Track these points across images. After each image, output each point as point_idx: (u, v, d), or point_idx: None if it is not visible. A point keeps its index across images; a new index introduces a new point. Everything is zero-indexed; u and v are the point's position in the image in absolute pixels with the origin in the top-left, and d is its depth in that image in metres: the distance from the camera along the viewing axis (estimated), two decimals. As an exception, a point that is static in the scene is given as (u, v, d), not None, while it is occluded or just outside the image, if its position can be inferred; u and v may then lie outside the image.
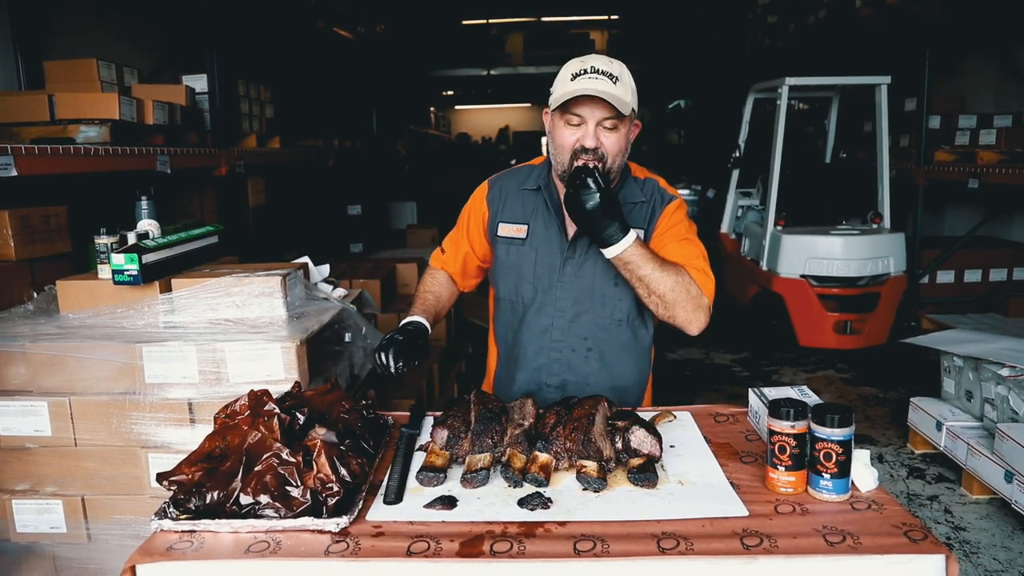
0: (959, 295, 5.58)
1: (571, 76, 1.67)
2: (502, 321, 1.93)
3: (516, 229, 1.86)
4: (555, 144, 1.73)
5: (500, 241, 1.88)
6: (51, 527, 2.04)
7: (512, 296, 1.87)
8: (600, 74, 1.64)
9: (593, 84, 1.62)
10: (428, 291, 1.94)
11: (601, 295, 1.80)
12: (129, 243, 2.12)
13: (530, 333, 1.85)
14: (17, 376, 2.03)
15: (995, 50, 5.51)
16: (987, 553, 2.78)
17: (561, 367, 1.84)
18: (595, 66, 1.66)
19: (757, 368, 5.15)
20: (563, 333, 1.82)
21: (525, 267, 1.83)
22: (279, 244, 4.86)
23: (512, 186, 1.90)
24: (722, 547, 1.15)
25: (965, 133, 5.32)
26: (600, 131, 1.67)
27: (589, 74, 1.64)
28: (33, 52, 3.60)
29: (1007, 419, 3.07)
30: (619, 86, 1.65)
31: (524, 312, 1.85)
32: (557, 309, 1.82)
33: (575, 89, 1.63)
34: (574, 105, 1.66)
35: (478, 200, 1.94)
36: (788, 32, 7.71)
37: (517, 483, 1.35)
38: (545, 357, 1.84)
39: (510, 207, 1.88)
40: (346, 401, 1.53)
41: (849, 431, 1.29)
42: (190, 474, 1.25)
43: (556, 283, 1.81)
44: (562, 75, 1.71)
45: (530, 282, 1.83)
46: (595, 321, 1.82)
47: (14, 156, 2.35)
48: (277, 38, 6.19)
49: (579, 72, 1.66)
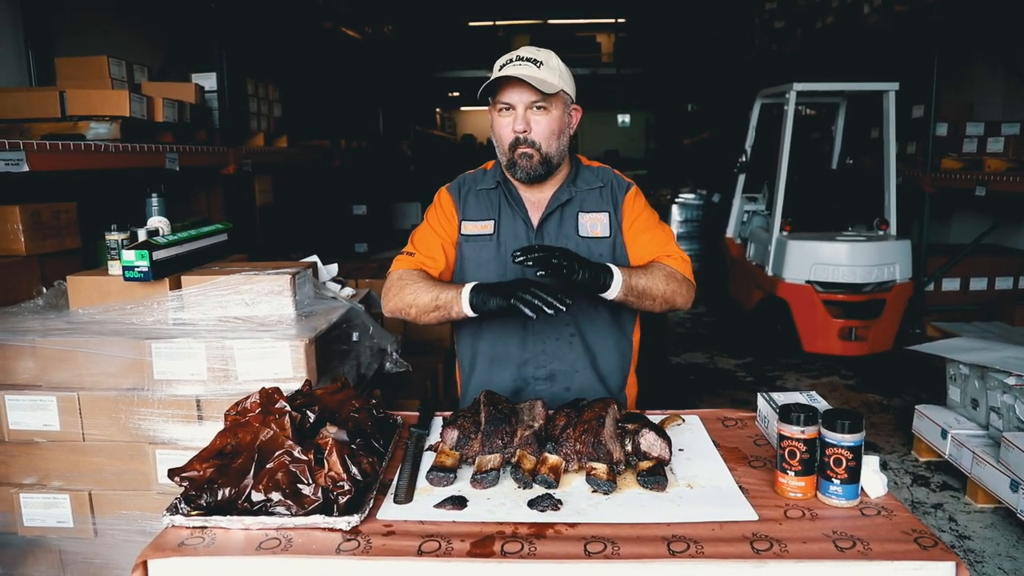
0: (965, 303, 5.56)
1: (499, 66, 1.73)
2: (473, 323, 1.86)
3: (482, 226, 1.86)
4: (495, 136, 1.79)
5: (468, 240, 1.86)
6: (58, 521, 2.05)
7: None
8: (524, 60, 1.70)
9: (516, 70, 1.68)
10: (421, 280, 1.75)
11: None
12: (140, 240, 2.13)
13: (510, 329, 1.84)
14: (26, 370, 2.03)
15: (1003, 57, 5.51)
16: (992, 562, 2.77)
17: (547, 357, 1.84)
18: (520, 55, 1.73)
19: (761, 373, 5.15)
20: (544, 323, 1.81)
21: (496, 262, 1.83)
22: (285, 243, 4.87)
23: (470, 187, 1.91)
24: (732, 551, 1.16)
25: (973, 140, 5.31)
26: (530, 115, 1.72)
27: (514, 63, 1.71)
28: (44, 49, 3.62)
29: (1013, 428, 3.06)
30: (543, 70, 1.70)
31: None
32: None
33: (497, 75, 1.69)
34: (501, 93, 1.71)
35: (444, 201, 1.91)
36: (796, 37, 7.70)
37: (527, 484, 1.36)
38: (530, 351, 1.84)
39: (472, 206, 1.88)
40: (356, 400, 1.54)
41: (859, 437, 1.29)
42: (202, 470, 1.25)
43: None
44: (495, 68, 1.75)
45: (502, 276, 1.81)
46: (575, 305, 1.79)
47: (25, 152, 2.36)
48: (285, 37, 6.20)
49: (505, 63, 1.73)
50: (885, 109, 5.28)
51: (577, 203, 1.85)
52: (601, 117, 17.56)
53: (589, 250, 1.82)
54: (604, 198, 1.86)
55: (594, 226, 1.84)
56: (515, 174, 1.78)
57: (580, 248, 1.81)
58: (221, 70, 3.95)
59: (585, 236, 1.83)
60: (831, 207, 5.67)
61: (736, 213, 6.50)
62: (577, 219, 1.84)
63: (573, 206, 1.84)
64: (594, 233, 1.83)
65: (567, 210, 1.84)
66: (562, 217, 1.84)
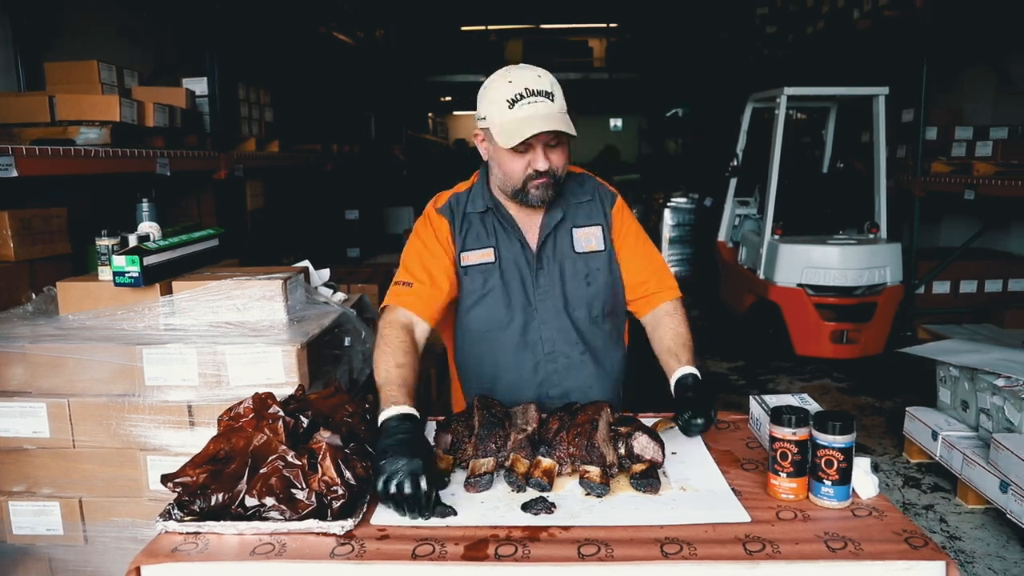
0: (955, 306, 5.60)
1: (508, 103, 1.59)
2: (481, 351, 1.83)
3: (482, 254, 1.79)
4: (502, 171, 1.69)
5: (469, 271, 1.79)
6: (48, 529, 2.04)
7: (491, 324, 1.80)
8: (537, 95, 1.59)
9: (537, 110, 1.58)
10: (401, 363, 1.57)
11: (577, 298, 1.81)
12: (130, 245, 2.12)
13: (521, 353, 1.81)
14: (15, 377, 2.02)
15: (992, 62, 5.56)
16: (982, 563, 2.78)
17: (560, 376, 1.83)
18: (529, 87, 1.59)
19: (753, 377, 5.16)
20: (553, 344, 1.81)
21: (500, 291, 1.78)
22: (277, 248, 4.86)
23: (463, 211, 1.81)
24: (725, 552, 1.16)
25: (962, 145, 5.35)
26: (548, 152, 1.64)
27: (528, 99, 1.58)
28: (33, 53, 3.61)
29: (1002, 429, 3.08)
30: (557, 102, 1.62)
31: (507, 335, 1.80)
32: (542, 322, 1.80)
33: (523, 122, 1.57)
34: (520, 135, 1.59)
35: (439, 226, 1.80)
36: (787, 42, 7.76)
37: (520, 488, 1.36)
38: (543, 372, 1.82)
39: (469, 234, 1.80)
40: (349, 405, 1.53)
41: (850, 438, 1.30)
42: (195, 476, 1.25)
43: (534, 298, 1.79)
44: (495, 97, 1.62)
45: (508, 304, 1.78)
46: (580, 323, 1.82)
47: (15, 157, 2.35)
48: (277, 42, 6.20)
49: (515, 98, 1.59)
50: (875, 113, 5.32)
51: (570, 220, 1.83)
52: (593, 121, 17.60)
53: (587, 265, 1.81)
54: (594, 211, 1.85)
55: (588, 240, 1.83)
56: (525, 201, 1.70)
57: (578, 264, 1.80)
58: (212, 75, 3.95)
59: (581, 252, 1.82)
60: (822, 211, 5.71)
61: (728, 217, 6.53)
62: (572, 235, 1.82)
63: (566, 223, 1.82)
64: (589, 248, 1.83)
65: (561, 228, 1.82)
66: (557, 236, 1.82)
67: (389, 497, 1.24)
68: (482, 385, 1.85)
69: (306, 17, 6.25)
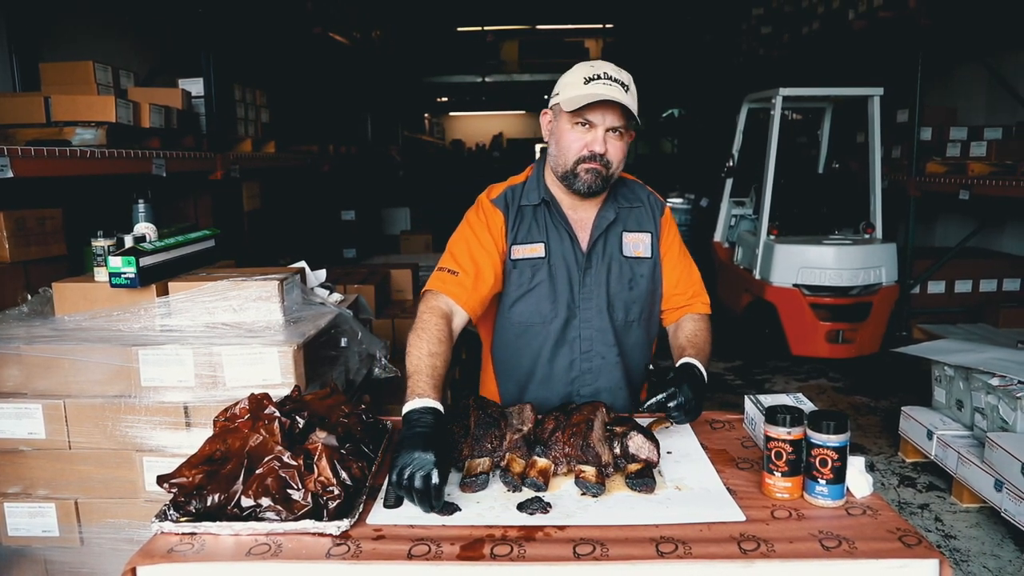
0: (950, 305, 5.62)
1: (583, 80, 1.65)
2: (518, 346, 1.84)
3: (532, 249, 1.79)
4: (559, 146, 1.72)
5: (517, 264, 1.79)
6: (43, 531, 2.03)
7: (535, 318, 1.80)
8: (613, 81, 1.64)
9: (608, 90, 1.62)
10: (435, 352, 1.56)
11: (621, 300, 1.82)
12: (126, 246, 2.12)
13: (559, 350, 1.82)
14: (11, 378, 2.02)
15: (986, 63, 5.58)
16: (977, 561, 2.80)
17: (592, 376, 1.84)
18: (607, 72, 1.65)
19: (749, 376, 5.18)
20: (592, 343, 1.82)
21: (547, 286, 1.79)
22: (273, 249, 4.86)
23: (517, 203, 1.82)
24: (720, 551, 1.16)
25: (956, 145, 5.37)
26: (608, 137, 1.67)
27: (603, 80, 1.63)
28: (29, 54, 3.60)
29: (997, 428, 3.09)
30: (629, 95, 1.65)
31: (549, 331, 1.81)
32: (583, 320, 1.81)
33: (592, 93, 1.62)
34: (587, 110, 1.64)
35: (493, 217, 1.80)
36: (782, 42, 7.78)
37: (516, 488, 1.36)
38: (577, 369, 1.83)
39: (523, 226, 1.80)
40: (345, 405, 1.54)
41: (845, 437, 1.30)
42: (191, 476, 1.25)
43: (579, 296, 1.80)
44: (571, 78, 1.69)
45: (554, 300, 1.79)
46: (618, 326, 1.83)
47: (10, 158, 2.35)
48: (273, 43, 6.20)
49: (592, 77, 1.64)
50: (870, 114, 5.33)
51: (621, 222, 1.83)
52: (589, 122, 17.59)
53: (632, 270, 1.82)
54: (645, 218, 1.86)
55: (637, 246, 1.84)
56: (573, 185, 1.72)
57: (624, 268, 1.82)
58: (208, 76, 3.95)
59: (629, 256, 1.83)
60: (818, 211, 5.72)
61: (724, 217, 6.54)
62: (622, 239, 1.83)
63: (618, 225, 1.83)
64: (637, 253, 1.83)
65: (612, 230, 1.82)
66: (608, 237, 1.82)
67: (400, 488, 1.26)
68: (517, 379, 1.87)
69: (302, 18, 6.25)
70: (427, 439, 1.31)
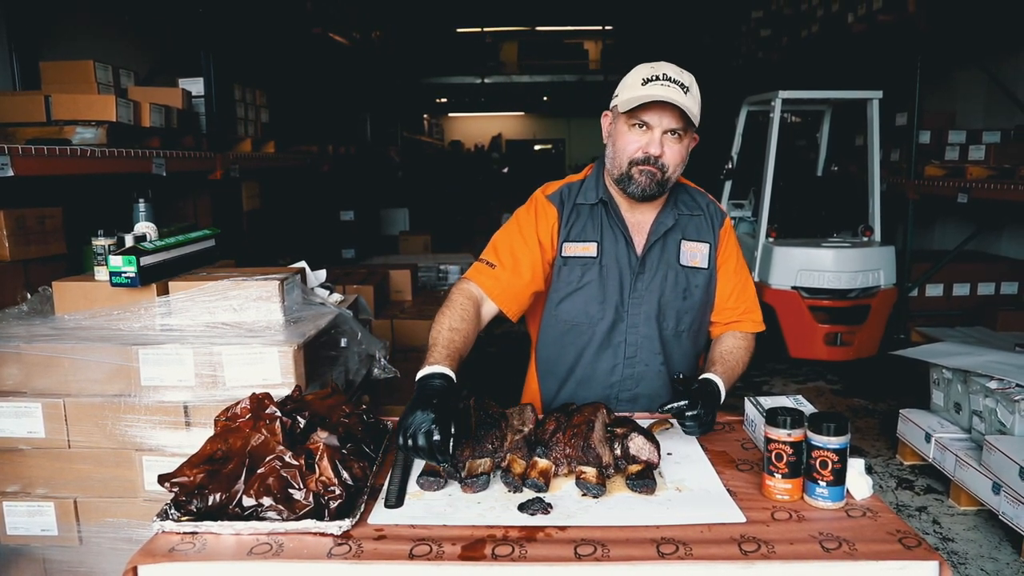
0: (948, 308, 5.63)
1: (642, 81, 1.63)
2: (563, 344, 1.84)
3: (584, 247, 1.77)
4: (615, 147, 1.71)
5: (568, 262, 1.78)
6: (42, 530, 2.03)
7: (581, 318, 1.80)
8: (672, 82, 1.61)
9: (665, 91, 1.60)
10: (455, 328, 1.58)
11: (673, 309, 1.80)
12: (126, 245, 2.12)
13: (603, 352, 1.81)
14: (11, 377, 2.02)
15: (984, 67, 5.59)
16: (975, 564, 2.80)
17: (633, 382, 1.83)
18: (667, 73, 1.63)
19: (748, 379, 5.18)
20: (637, 349, 1.80)
21: (597, 287, 1.77)
22: (273, 249, 4.86)
23: (573, 200, 1.80)
24: (720, 552, 1.17)
25: (955, 148, 5.38)
26: (665, 140, 1.65)
27: (661, 81, 1.61)
28: (29, 53, 3.60)
29: (995, 431, 3.10)
30: (689, 96, 1.63)
31: (594, 332, 1.80)
32: (631, 326, 1.79)
33: (647, 94, 1.60)
34: (643, 111, 1.63)
35: (547, 212, 1.79)
36: (781, 45, 7.79)
37: (517, 488, 1.36)
38: (619, 374, 1.82)
39: (576, 225, 1.78)
40: (346, 405, 1.54)
41: (845, 439, 1.31)
42: (192, 476, 1.25)
43: (629, 300, 1.78)
44: (631, 79, 1.67)
45: (602, 302, 1.77)
46: (666, 334, 1.81)
47: (10, 156, 2.35)
48: (273, 43, 6.20)
49: (650, 78, 1.63)
50: (869, 117, 5.34)
51: (680, 229, 1.81)
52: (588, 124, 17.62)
53: (687, 280, 1.80)
54: (704, 227, 1.83)
55: (694, 255, 1.81)
56: (627, 188, 1.70)
57: (680, 276, 1.79)
58: (208, 75, 3.95)
59: (686, 265, 1.80)
60: (817, 213, 5.73)
61: (723, 219, 6.54)
62: (680, 247, 1.80)
63: (676, 232, 1.81)
64: (694, 263, 1.81)
65: (670, 236, 1.80)
66: (665, 243, 1.80)
67: (406, 449, 1.31)
68: (558, 379, 1.87)
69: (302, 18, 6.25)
70: (429, 400, 1.34)
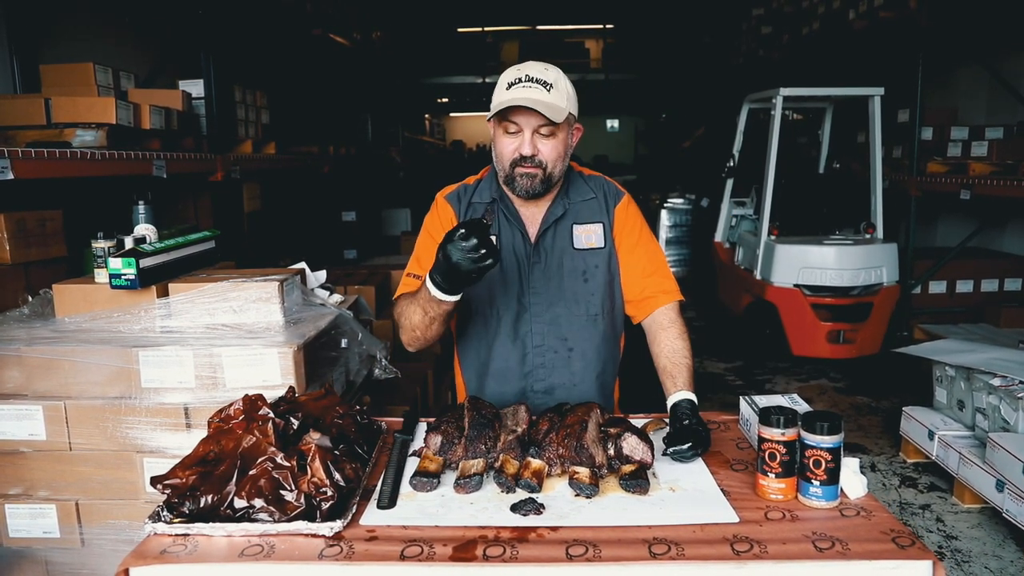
0: (951, 305, 5.61)
1: (507, 85, 1.69)
2: (475, 337, 1.89)
3: None
4: (496, 152, 1.77)
5: None
6: (44, 532, 2.04)
7: (486, 310, 1.85)
8: (534, 82, 1.67)
9: (526, 93, 1.65)
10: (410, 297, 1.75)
11: (573, 294, 1.84)
12: (126, 247, 2.13)
13: (511, 344, 1.85)
14: (11, 380, 2.02)
15: (986, 63, 5.57)
16: (978, 562, 2.79)
17: (546, 371, 1.86)
18: (529, 74, 1.68)
19: (750, 377, 5.17)
20: (543, 337, 1.84)
21: (497, 278, 1.82)
22: (274, 250, 4.87)
23: (469, 199, 1.89)
24: (713, 552, 1.17)
25: (957, 144, 5.36)
26: (537, 138, 1.70)
27: (524, 83, 1.67)
28: (29, 56, 3.61)
29: (998, 428, 3.09)
30: (553, 94, 1.67)
31: (500, 324, 1.85)
32: (534, 315, 1.84)
33: (508, 99, 1.66)
34: (511, 114, 1.68)
35: (445, 213, 1.88)
36: (782, 43, 7.77)
37: (510, 489, 1.36)
38: (530, 364, 1.86)
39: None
40: (340, 406, 1.54)
41: (838, 439, 1.30)
42: (184, 478, 1.25)
43: (528, 289, 1.83)
44: (499, 84, 1.73)
45: (504, 293, 1.83)
46: (572, 320, 1.84)
47: (10, 159, 2.36)
48: (273, 44, 6.21)
49: (514, 81, 1.69)
50: (871, 114, 5.33)
51: (571, 216, 1.86)
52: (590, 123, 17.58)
53: (585, 262, 1.84)
54: (598, 209, 1.88)
55: (588, 237, 1.86)
56: (514, 190, 1.76)
57: (576, 260, 1.84)
58: (208, 77, 3.96)
59: (580, 248, 1.85)
60: (818, 211, 5.72)
61: (724, 217, 6.54)
62: (572, 231, 1.85)
63: (567, 219, 1.86)
64: (589, 244, 1.85)
65: (562, 223, 1.85)
66: (556, 231, 1.85)
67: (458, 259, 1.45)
68: (477, 373, 1.91)
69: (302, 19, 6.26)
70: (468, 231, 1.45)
